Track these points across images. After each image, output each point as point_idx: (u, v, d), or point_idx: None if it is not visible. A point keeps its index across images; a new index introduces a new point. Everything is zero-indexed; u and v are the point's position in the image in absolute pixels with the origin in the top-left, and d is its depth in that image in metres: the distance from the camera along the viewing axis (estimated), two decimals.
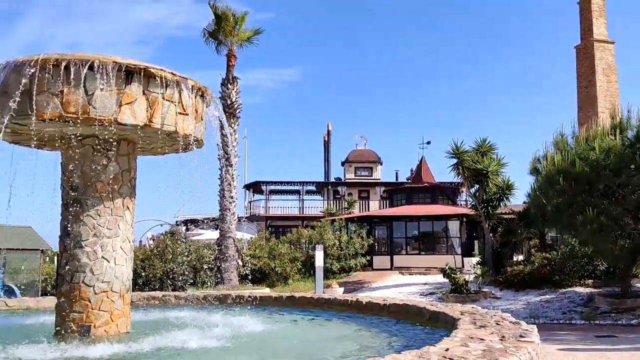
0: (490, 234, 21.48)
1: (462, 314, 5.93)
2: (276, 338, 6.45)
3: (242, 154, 42.10)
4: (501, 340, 4.31)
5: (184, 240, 25.72)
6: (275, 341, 6.24)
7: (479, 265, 21.49)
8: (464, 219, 28.45)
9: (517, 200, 23.32)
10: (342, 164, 46.11)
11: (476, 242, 28.10)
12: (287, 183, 42.51)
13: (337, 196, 42.08)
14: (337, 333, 6.64)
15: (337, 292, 18.19)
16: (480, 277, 20.03)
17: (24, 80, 5.41)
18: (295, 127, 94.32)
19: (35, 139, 6.29)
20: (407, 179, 43.45)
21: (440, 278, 21.12)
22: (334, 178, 46.13)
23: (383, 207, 37.75)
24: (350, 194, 41.48)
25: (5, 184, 5.99)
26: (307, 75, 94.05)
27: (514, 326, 5.05)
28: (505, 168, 21.88)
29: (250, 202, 42.43)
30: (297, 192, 42.84)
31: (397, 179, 46.30)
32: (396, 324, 6.95)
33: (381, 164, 45.85)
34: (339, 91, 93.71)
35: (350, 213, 34.73)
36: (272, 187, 42.58)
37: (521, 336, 4.47)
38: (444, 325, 6.05)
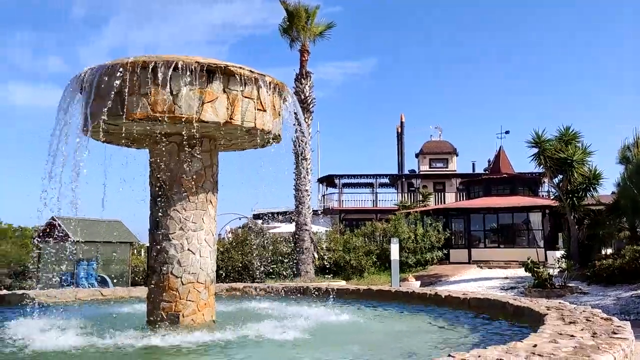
0: (576, 226, 20.46)
1: (548, 310, 5.71)
2: (355, 330, 6.49)
3: (315, 148, 42.54)
4: (592, 337, 4.11)
5: (261, 233, 26.37)
6: (355, 333, 6.28)
7: (563, 259, 20.54)
8: (547, 211, 27.28)
9: (606, 190, 22.06)
10: (416, 155, 45.45)
11: (560, 234, 26.86)
12: (361, 176, 42.47)
13: (411, 189, 41.57)
14: (417, 326, 6.60)
15: (413, 285, 18.00)
16: (566, 271, 19.15)
17: (115, 83, 5.74)
18: (367, 120, 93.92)
19: (125, 138, 6.67)
20: (485, 170, 42.17)
21: (521, 272, 20.40)
22: (408, 170, 45.57)
23: (459, 200, 36.88)
24: (425, 186, 40.83)
25: (98, 181, 6.41)
26: (378, 67, 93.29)
27: (605, 322, 4.80)
28: (592, 157, 20.75)
29: (323, 195, 42.76)
30: (371, 185, 42.71)
31: (473, 170, 45.06)
32: (477, 319, 6.80)
33: (457, 155, 44.79)
34: (411, 82, 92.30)
35: (425, 206, 34.21)
36: (346, 181, 42.69)
37: (614, 333, 4.25)
38: (529, 321, 5.85)
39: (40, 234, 19.36)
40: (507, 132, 40.07)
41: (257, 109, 6.32)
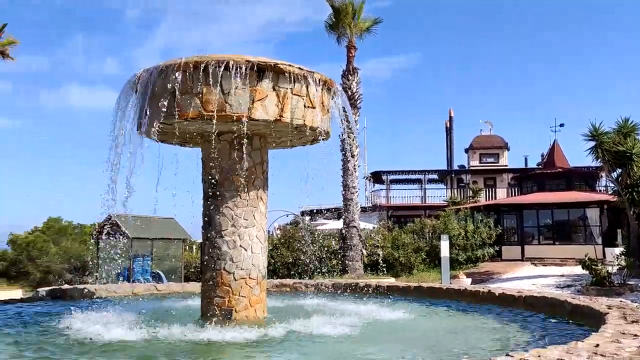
0: (636, 222, 19.59)
1: (609, 308, 5.50)
2: (406, 328, 6.43)
3: (362, 145, 42.34)
4: None
5: (308, 229, 26.51)
6: (406, 331, 6.23)
7: (623, 256, 19.71)
8: (605, 206, 26.23)
9: None
10: (466, 150, 44.58)
11: (619, 231, 25.78)
12: (408, 172, 42.03)
13: (461, 184, 40.82)
14: (470, 324, 6.47)
15: (464, 282, 17.70)
16: (626, 269, 18.36)
17: (168, 83, 5.89)
18: (415, 115, 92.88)
19: (178, 137, 6.84)
20: (538, 165, 40.93)
21: (577, 269, 19.71)
22: (457, 166, 44.76)
23: (511, 195, 35.93)
24: (475, 182, 40.03)
25: (153, 180, 6.61)
26: (425, 61, 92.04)
27: None
28: None
29: (371, 192, 42.57)
30: (419, 181, 42.19)
31: (526, 164, 43.79)
32: (533, 317, 6.62)
33: (508, 150, 43.65)
34: (459, 75, 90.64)
35: (475, 202, 33.53)
36: (393, 177, 42.33)
37: None
38: (589, 320, 5.65)
39: (99, 231, 20.12)
40: (561, 125, 38.79)
41: (306, 106, 6.35)
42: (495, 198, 36.89)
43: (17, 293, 15.66)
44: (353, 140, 18.21)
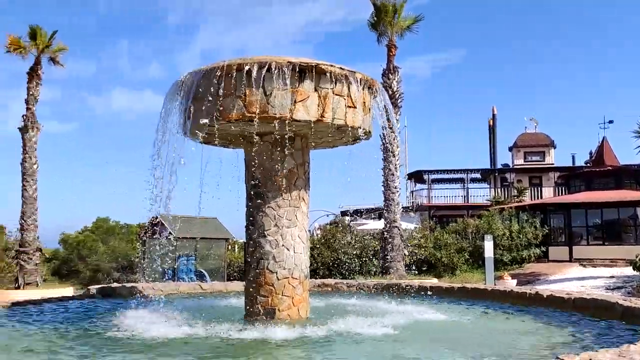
0: None
1: None
2: (451, 329, 6.35)
3: (402, 144, 41.95)
4: None
5: (349, 230, 26.47)
6: (451, 332, 6.14)
7: None
8: None
9: None
10: (510, 149, 43.60)
11: None
12: (451, 171, 41.42)
13: (505, 183, 39.94)
14: (517, 326, 6.34)
15: (509, 284, 17.31)
16: None
17: (212, 86, 6.00)
18: (457, 114, 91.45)
19: (222, 138, 6.95)
20: (586, 163, 39.67)
21: (628, 271, 19.00)
22: (501, 164, 43.82)
23: (558, 194, 34.94)
24: (519, 181, 39.10)
25: (196, 180, 6.74)
26: (467, 59, 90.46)
27: None
28: None
29: (412, 191, 42.13)
30: (461, 180, 41.51)
31: (573, 163, 42.52)
32: (583, 320, 6.42)
33: (554, 148, 42.47)
34: (503, 73, 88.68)
35: (520, 201, 32.75)
36: (435, 176, 41.79)
37: None
38: None
39: (145, 231, 20.64)
40: (610, 122, 37.45)
41: (348, 106, 6.35)
42: (541, 197, 35.94)
43: (68, 291, 16.27)
44: (394, 140, 18.08)
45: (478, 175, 42.38)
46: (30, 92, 18.74)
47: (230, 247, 28.16)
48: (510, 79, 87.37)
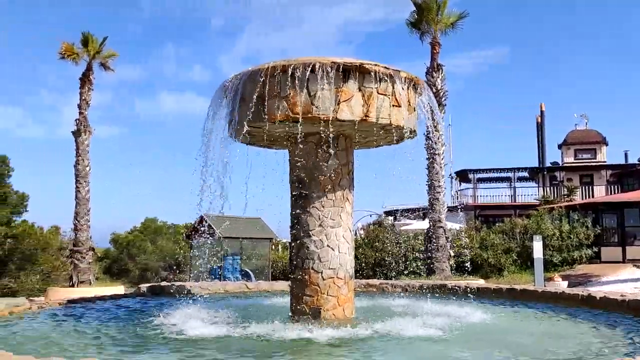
0: None
1: None
2: (500, 331, 6.20)
3: (447, 142, 41.27)
4: None
5: (392, 230, 26.27)
6: (499, 334, 6.00)
7: None
8: None
9: None
10: (559, 146, 42.29)
11: None
12: (497, 170, 40.50)
13: (554, 182, 38.77)
14: (569, 329, 6.14)
15: (559, 285, 16.80)
16: None
17: (257, 87, 6.06)
18: (502, 111, 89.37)
19: (267, 139, 7.02)
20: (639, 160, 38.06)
21: None
22: (550, 163, 42.55)
23: (610, 193, 33.68)
24: (569, 180, 37.87)
25: (241, 181, 6.82)
26: (513, 54, 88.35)
27: None
28: None
29: (457, 191, 41.45)
30: (508, 179, 40.55)
31: (626, 160, 40.85)
32: (639, 323, 6.16)
33: (606, 145, 40.92)
34: (551, 68, 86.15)
35: (570, 200, 31.73)
36: (481, 175, 40.97)
37: None
38: None
39: (191, 231, 21.07)
40: None
41: (392, 105, 6.30)
42: (593, 196, 34.72)
43: (119, 289, 16.76)
44: (439, 138, 17.83)
45: (526, 174, 41.30)
46: (83, 97, 19.41)
47: (273, 246, 28.44)
48: (559, 75, 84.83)
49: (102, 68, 20.14)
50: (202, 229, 19.67)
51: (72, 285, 18.35)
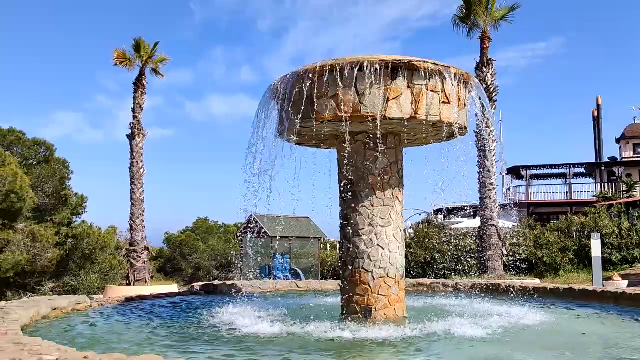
0: None
1: None
2: (557, 332, 6.00)
3: (498, 139, 40.27)
4: None
5: (442, 228, 25.88)
6: (557, 335, 5.81)
7: None
8: None
9: None
10: (617, 141, 40.58)
11: None
12: (551, 166, 39.22)
13: (612, 178, 37.23)
14: (632, 331, 5.88)
15: (619, 285, 16.11)
16: None
17: (305, 87, 6.09)
18: (556, 105, 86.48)
19: (315, 139, 7.05)
20: None
21: None
22: (608, 158, 40.88)
23: None
24: (629, 175, 36.27)
25: (290, 180, 6.88)
26: (566, 47, 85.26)
27: None
28: None
29: (509, 188, 40.39)
30: (563, 175, 39.23)
31: None
32: None
33: None
34: (609, 59, 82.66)
35: (630, 196, 30.39)
36: (534, 172, 39.79)
37: None
38: None
39: (242, 231, 21.41)
40: None
41: (442, 102, 6.21)
42: None
43: (173, 287, 17.21)
44: (490, 135, 17.45)
45: (582, 170, 39.86)
46: (136, 101, 20.04)
47: (322, 246, 28.54)
48: (615, 68, 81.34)
49: (153, 73, 20.73)
50: (251, 228, 19.96)
51: (129, 284, 18.99)
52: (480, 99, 6.84)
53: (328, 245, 32.49)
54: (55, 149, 25.71)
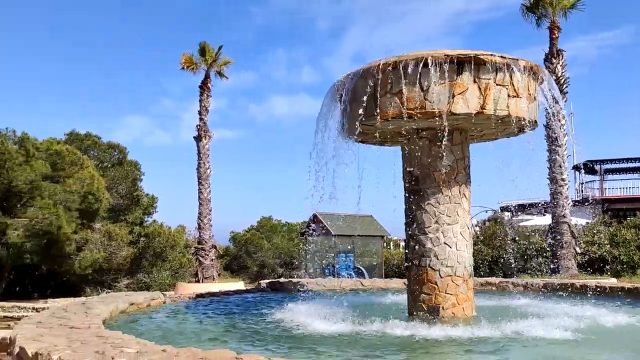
0: None
1: None
2: (638, 335, 5.70)
3: (569, 132, 38.53)
4: None
5: (510, 226, 25.11)
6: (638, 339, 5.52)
7: None
8: None
9: None
10: None
11: None
12: (628, 160, 37.15)
13: None
14: None
15: None
16: None
17: (369, 85, 6.08)
18: (632, 96, 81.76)
19: (379, 137, 7.02)
20: None
21: None
22: None
23: None
24: None
25: (353, 179, 6.88)
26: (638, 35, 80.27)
27: None
28: None
29: (581, 184, 38.62)
30: None
31: None
32: None
33: None
34: None
35: None
36: (609, 166, 37.83)
37: None
38: None
39: (305, 229, 21.63)
40: None
41: (511, 96, 6.03)
42: None
43: (240, 284, 17.62)
44: (561, 128, 16.77)
45: None
46: (202, 104, 20.64)
47: (385, 244, 28.36)
48: None
49: (217, 76, 21.28)
50: (315, 226, 20.12)
51: (197, 281, 19.60)
52: (550, 91, 6.58)
53: (391, 244, 32.26)
54: (128, 152, 26.93)
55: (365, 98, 6.13)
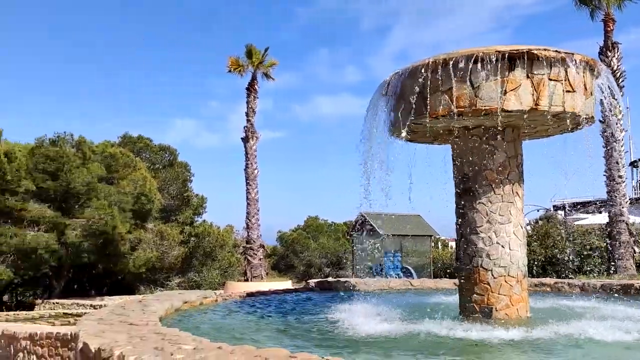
0: None
1: None
2: None
3: (626, 128, 36.91)
4: None
5: (564, 225, 24.33)
6: None
7: None
8: None
9: None
10: None
11: None
12: None
13: None
14: None
15: None
16: None
17: (417, 84, 6.02)
18: None
19: (428, 135, 6.94)
20: None
21: None
22: None
23: None
24: None
25: (402, 178, 6.83)
26: None
27: None
28: None
29: (638, 181, 37.01)
30: None
31: None
32: None
33: None
34: None
35: None
36: None
37: None
38: None
39: (352, 229, 21.62)
40: None
41: (566, 91, 5.85)
42: None
43: (287, 283, 17.78)
44: (617, 124, 16.14)
45: None
46: (249, 106, 20.96)
47: (434, 244, 28.00)
48: None
49: (264, 77, 21.54)
50: (362, 226, 20.07)
51: (246, 280, 19.92)
52: (608, 85, 6.35)
53: (439, 244, 31.83)
54: (178, 154, 27.63)
55: (414, 96, 6.07)
